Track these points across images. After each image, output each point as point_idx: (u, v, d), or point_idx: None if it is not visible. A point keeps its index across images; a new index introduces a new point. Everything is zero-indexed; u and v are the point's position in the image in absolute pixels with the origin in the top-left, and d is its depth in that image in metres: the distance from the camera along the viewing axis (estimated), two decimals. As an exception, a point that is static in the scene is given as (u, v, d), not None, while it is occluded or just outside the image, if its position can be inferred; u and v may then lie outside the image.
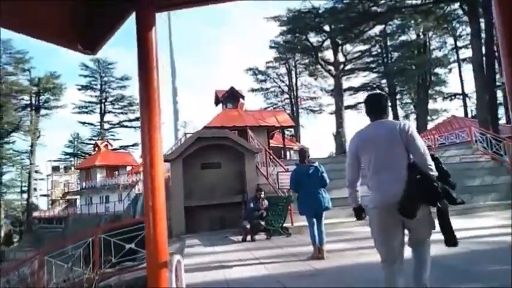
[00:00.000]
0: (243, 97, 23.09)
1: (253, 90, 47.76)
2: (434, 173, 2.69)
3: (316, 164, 5.78)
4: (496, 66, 19.70)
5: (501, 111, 25.63)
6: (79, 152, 58.77)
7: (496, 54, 18.18)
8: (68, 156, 59.71)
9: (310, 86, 48.07)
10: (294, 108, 47.74)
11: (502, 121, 24.84)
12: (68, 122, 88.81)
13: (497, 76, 19.75)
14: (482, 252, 5.07)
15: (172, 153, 10.11)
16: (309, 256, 5.51)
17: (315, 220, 5.56)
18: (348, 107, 41.83)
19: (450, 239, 2.78)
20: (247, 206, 8.13)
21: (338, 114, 34.64)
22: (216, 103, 23.67)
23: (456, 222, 8.02)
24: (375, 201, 2.78)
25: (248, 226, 7.66)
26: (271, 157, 10.32)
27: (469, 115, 36.29)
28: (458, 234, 6.29)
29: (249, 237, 7.73)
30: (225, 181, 10.73)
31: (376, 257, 5.47)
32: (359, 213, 3.16)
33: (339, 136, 33.51)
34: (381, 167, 2.74)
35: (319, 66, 38.26)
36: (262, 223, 7.74)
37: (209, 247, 7.34)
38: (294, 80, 48.05)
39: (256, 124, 20.51)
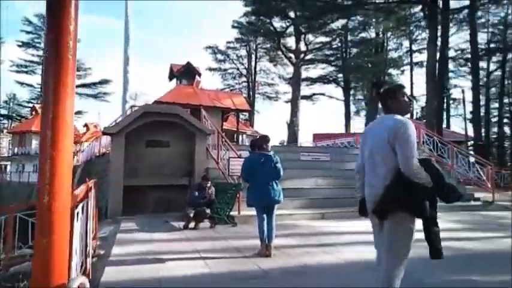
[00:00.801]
0: (199, 74, 22.09)
1: (211, 69, 46.48)
2: (422, 179, 2.40)
3: (271, 153, 5.30)
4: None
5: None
6: (14, 115, 53.94)
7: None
8: (1, 118, 54.64)
9: (268, 72, 47.71)
10: (251, 93, 47.19)
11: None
12: (4, 80, 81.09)
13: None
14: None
15: (114, 127, 9.15)
16: (255, 253, 5.08)
17: (265, 215, 5.12)
18: (304, 97, 42.17)
19: (434, 252, 2.53)
20: (191, 193, 7.52)
21: (294, 103, 34.70)
22: (171, 78, 22.46)
23: None
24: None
25: (191, 214, 7.07)
26: (224, 140, 9.73)
27: (414, 117, 38.13)
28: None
29: (192, 224, 7.18)
30: (173, 161, 10.00)
31: (324, 257, 5.23)
32: (360, 207, 2.89)
33: (292, 125, 33.63)
34: (370, 167, 2.65)
35: (280, 53, 37.93)
36: (208, 211, 7.20)
37: (147, 233, 6.67)
38: (253, 64, 47.34)
39: (211, 104, 19.73)
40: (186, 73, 21.23)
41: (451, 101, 38.51)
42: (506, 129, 38.86)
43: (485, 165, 12.99)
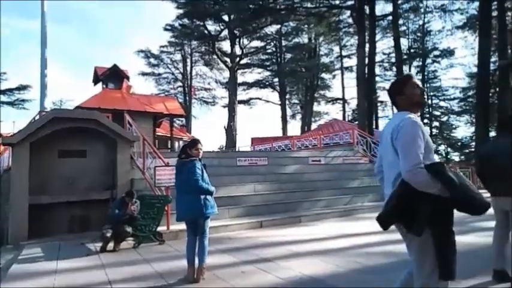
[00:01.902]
0: (127, 78, 20.55)
1: (144, 74, 44.20)
2: (432, 189, 2.07)
3: (191, 159, 4.45)
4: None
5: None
6: None
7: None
8: None
9: (205, 77, 46.65)
10: (187, 98, 45.79)
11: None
12: None
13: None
14: (374, 268, 4.55)
15: (15, 136, 7.73)
16: (181, 278, 4.30)
17: (193, 232, 4.37)
18: (241, 102, 41.92)
19: (444, 272, 2.17)
20: (111, 211, 6.50)
21: (231, 107, 34.21)
22: (95, 82, 20.61)
23: (339, 226, 7.48)
24: None
25: (109, 234, 6.06)
26: (151, 148, 8.76)
27: (346, 119, 39.76)
28: (347, 242, 5.69)
29: (111, 246, 6.16)
30: (91, 173, 8.78)
31: (262, 277, 4.61)
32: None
33: (230, 130, 33.08)
34: (384, 170, 2.45)
35: (215, 57, 37.26)
36: (129, 230, 6.23)
37: (52, 262, 5.52)
38: (188, 68, 45.99)
39: (141, 109, 18.37)
40: (112, 76, 19.58)
41: (378, 103, 40.75)
42: (427, 128, 42.03)
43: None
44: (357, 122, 25.43)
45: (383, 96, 40.61)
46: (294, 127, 55.62)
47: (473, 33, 29.84)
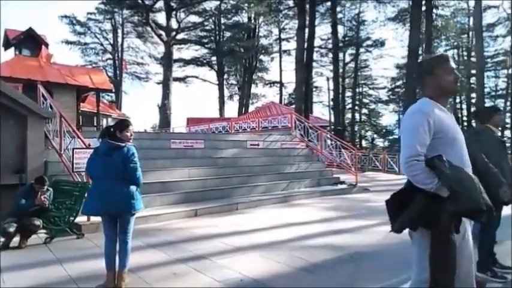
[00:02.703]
0: (46, 45, 18.20)
1: (68, 42, 40.13)
2: (419, 183, 1.92)
3: (128, 144, 3.78)
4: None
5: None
6: None
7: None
8: None
9: (137, 50, 43.86)
10: (117, 72, 42.72)
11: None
12: None
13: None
14: (321, 266, 4.28)
15: None
16: (100, 285, 3.62)
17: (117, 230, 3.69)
18: (177, 79, 40.21)
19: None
20: (17, 200, 5.46)
21: (165, 84, 32.53)
22: (6, 46, 17.96)
23: (278, 214, 7.10)
24: None
25: (12, 229, 5.07)
26: (69, 126, 7.62)
27: (283, 103, 40.21)
28: (287, 232, 5.33)
29: (16, 242, 5.19)
30: (-5, 154, 7.42)
31: (196, 279, 4.07)
32: None
33: (164, 108, 31.54)
34: None
35: (149, 29, 34.94)
36: (38, 223, 5.28)
37: None
38: (119, 40, 42.74)
39: (62, 81, 16.38)
40: (27, 42, 17.14)
41: (313, 89, 41.77)
42: (357, 115, 44.34)
43: (347, 148, 13.81)
44: (293, 106, 25.65)
45: (319, 81, 41.66)
46: (232, 108, 54.93)
47: (403, 25, 31.51)
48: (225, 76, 43.02)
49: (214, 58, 41.47)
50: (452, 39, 32.43)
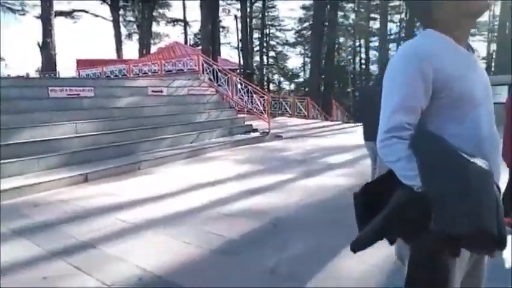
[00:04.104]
0: None
1: None
2: (405, 178, 1.15)
3: None
4: None
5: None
6: None
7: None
8: None
9: (5, -25, 35.73)
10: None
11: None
12: None
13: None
14: (241, 244, 3.55)
15: None
16: None
17: None
18: (62, 14, 34.44)
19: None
20: None
21: (46, 19, 27.36)
22: None
23: (187, 172, 5.94)
24: None
25: None
26: None
27: (188, 43, 37.63)
28: (199, 197, 4.47)
29: None
30: None
31: (82, 285, 2.86)
32: None
33: (46, 48, 26.80)
34: None
35: None
36: None
37: None
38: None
39: None
40: None
41: (221, 28, 39.68)
42: (265, 58, 43.92)
43: (258, 93, 13.20)
44: (200, 48, 23.85)
45: (227, 20, 39.63)
46: (132, 49, 49.83)
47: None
48: (121, 12, 38.10)
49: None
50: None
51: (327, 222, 3.98)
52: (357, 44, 39.24)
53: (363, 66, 38.93)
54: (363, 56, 39.24)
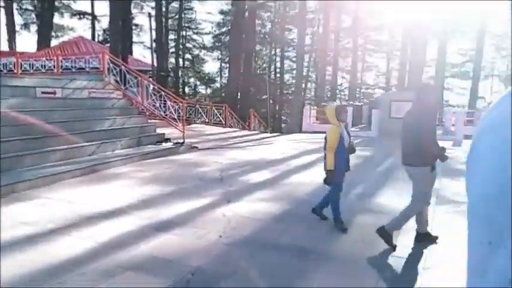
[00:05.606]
0: None
1: None
2: None
3: None
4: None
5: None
6: None
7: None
8: None
9: None
10: None
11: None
12: None
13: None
14: None
15: None
16: None
17: None
18: None
19: None
20: None
21: None
22: None
23: (77, 195, 4.65)
24: None
25: None
26: None
27: (96, 40, 34.45)
28: (88, 238, 3.52)
29: None
30: None
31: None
32: None
33: None
34: None
35: None
36: None
37: None
38: None
39: None
40: None
41: (133, 26, 37.09)
42: (180, 61, 42.28)
43: (172, 98, 12.12)
44: (108, 45, 21.65)
45: (141, 18, 37.20)
46: (29, 42, 43.87)
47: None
48: (16, -1, 33.22)
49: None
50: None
51: (255, 268, 3.26)
52: (273, 52, 39.97)
53: (278, 75, 39.77)
54: (278, 65, 40.06)
